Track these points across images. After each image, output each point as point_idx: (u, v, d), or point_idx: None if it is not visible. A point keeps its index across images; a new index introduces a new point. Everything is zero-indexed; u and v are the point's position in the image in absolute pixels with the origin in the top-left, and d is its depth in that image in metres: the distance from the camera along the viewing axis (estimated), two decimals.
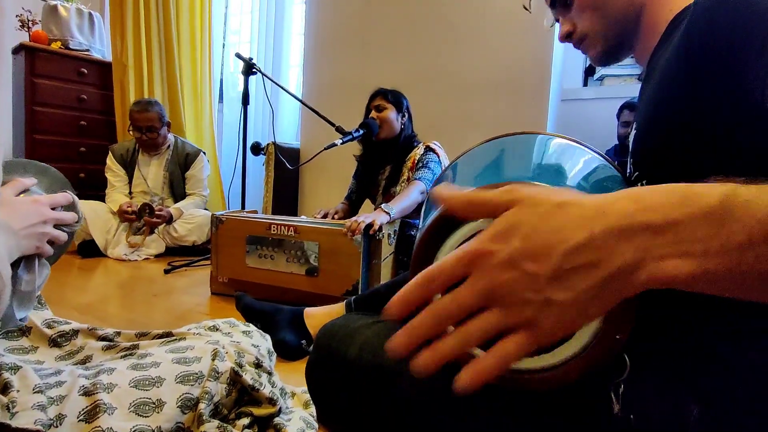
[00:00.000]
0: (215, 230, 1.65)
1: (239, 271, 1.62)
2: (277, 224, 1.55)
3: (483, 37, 2.23)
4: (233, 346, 0.77)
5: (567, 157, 0.51)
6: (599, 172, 0.50)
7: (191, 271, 2.10)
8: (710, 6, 0.39)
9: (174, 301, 1.64)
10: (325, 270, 1.50)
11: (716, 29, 0.38)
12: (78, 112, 2.88)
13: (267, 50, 3.06)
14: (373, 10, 2.52)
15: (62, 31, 2.82)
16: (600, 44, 0.60)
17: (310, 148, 2.75)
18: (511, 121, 2.18)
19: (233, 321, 0.86)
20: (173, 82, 2.99)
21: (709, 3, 0.39)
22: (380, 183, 1.90)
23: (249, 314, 1.27)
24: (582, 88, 2.38)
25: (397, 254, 1.68)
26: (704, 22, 0.39)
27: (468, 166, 0.55)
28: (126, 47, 2.90)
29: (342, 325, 0.65)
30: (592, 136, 2.28)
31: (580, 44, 0.63)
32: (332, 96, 2.67)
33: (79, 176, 2.86)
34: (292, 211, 2.82)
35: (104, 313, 1.46)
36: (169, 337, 0.78)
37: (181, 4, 2.97)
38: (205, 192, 2.62)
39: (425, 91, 2.36)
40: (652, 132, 0.47)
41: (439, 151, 1.80)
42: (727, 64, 0.37)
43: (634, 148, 0.53)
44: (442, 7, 2.32)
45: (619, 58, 0.63)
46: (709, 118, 0.39)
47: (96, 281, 1.92)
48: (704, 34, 0.39)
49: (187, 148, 2.58)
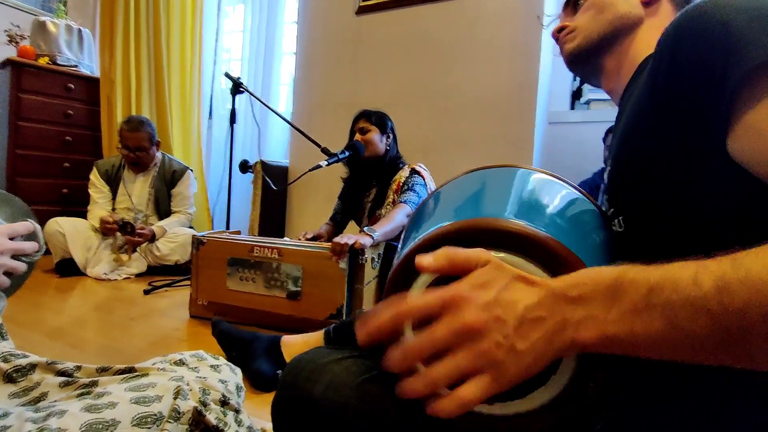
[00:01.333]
0: (196, 251, 1.61)
1: (219, 294, 1.58)
2: (259, 246, 1.52)
3: (471, 59, 2.25)
4: (199, 382, 0.73)
5: (545, 193, 0.51)
6: (576, 206, 0.51)
7: (172, 291, 2.05)
8: (672, 42, 0.40)
9: (151, 324, 1.59)
10: (309, 294, 1.47)
11: (678, 65, 0.38)
12: (64, 128, 2.85)
13: (258, 68, 3.06)
14: (363, 31, 2.54)
15: (50, 46, 2.81)
16: (579, 37, 0.62)
17: (299, 166, 2.74)
18: (498, 144, 2.19)
19: (201, 354, 0.82)
20: (161, 98, 2.98)
21: (672, 38, 0.40)
22: (366, 205, 1.88)
23: (225, 341, 1.23)
24: (569, 112, 2.40)
25: (380, 278, 1.65)
26: (668, 59, 0.40)
27: (450, 196, 0.55)
28: (114, 63, 2.89)
29: (309, 360, 0.62)
30: (579, 158, 2.29)
31: (564, 37, 0.65)
32: (322, 115, 2.67)
33: (62, 192, 2.82)
34: (279, 231, 2.79)
35: (76, 339, 1.41)
36: (131, 372, 0.74)
37: (172, 22, 2.98)
38: (191, 209, 2.59)
39: (414, 112, 2.36)
40: (624, 169, 0.48)
41: (424, 174, 1.79)
42: (689, 101, 0.38)
43: (608, 185, 0.53)
44: (431, 30, 2.34)
45: (586, 67, 0.65)
46: (676, 155, 0.39)
47: (72, 302, 1.87)
48: (668, 71, 0.40)
49: (174, 165, 2.55)
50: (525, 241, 0.39)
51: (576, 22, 0.63)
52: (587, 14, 0.62)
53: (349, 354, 0.62)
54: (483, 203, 0.53)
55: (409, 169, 1.80)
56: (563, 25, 0.65)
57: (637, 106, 0.46)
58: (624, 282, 0.31)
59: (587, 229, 0.48)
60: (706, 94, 0.36)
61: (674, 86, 0.39)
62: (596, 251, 0.45)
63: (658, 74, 0.41)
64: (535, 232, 0.39)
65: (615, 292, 0.31)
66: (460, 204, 0.52)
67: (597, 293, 0.32)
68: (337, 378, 0.57)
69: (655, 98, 0.41)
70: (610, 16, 0.60)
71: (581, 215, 0.49)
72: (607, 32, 0.60)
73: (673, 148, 0.39)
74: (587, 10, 0.62)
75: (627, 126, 0.48)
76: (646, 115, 0.43)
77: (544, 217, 0.45)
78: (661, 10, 0.60)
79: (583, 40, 0.61)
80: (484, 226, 0.40)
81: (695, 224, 0.39)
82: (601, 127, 2.13)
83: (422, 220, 0.52)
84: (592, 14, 0.61)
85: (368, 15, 2.52)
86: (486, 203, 0.53)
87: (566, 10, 0.67)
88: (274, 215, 2.74)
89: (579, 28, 0.62)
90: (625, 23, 0.59)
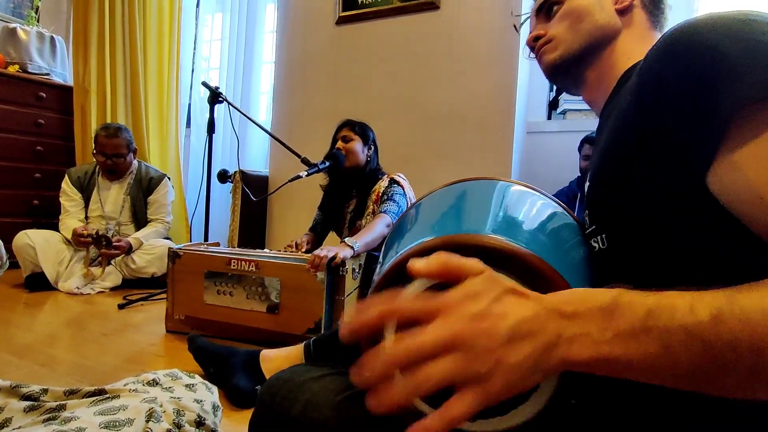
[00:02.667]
0: (172, 265, 1.58)
1: (197, 309, 1.55)
2: (237, 259, 1.50)
3: (450, 70, 2.28)
4: (173, 403, 0.71)
5: (525, 207, 0.51)
6: (556, 220, 0.51)
7: (148, 305, 1.99)
8: (662, 60, 0.39)
9: (126, 340, 1.55)
10: (287, 307, 1.45)
11: (666, 85, 0.38)
12: (34, 137, 2.76)
13: (237, 77, 3.04)
14: (343, 41, 2.55)
15: (21, 54, 2.73)
16: (561, 49, 0.61)
17: (279, 175, 2.72)
18: (477, 153, 2.21)
19: (176, 373, 0.80)
20: (137, 107, 2.92)
21: (662, 55, 0.39)
22: (346, 216, 1.87)
23: (202, 357, 1.20)
24: (546, 121, 2.45)
25: (362, 289, 1.64)
26: (656, 78, 0.39)
27: (430, 209, 0.55)
28: (89, 71, 2.83)
29: (287, 379, 0.61)
30: (555, 167, 2.33)
31: (542, 47, 0.63)
32: (301, 125, 2.66)
33: (32, 203, 2.73)
34: (259, 241, 2.76)
35: (46, 357, 1.36)
36: (101, 395, 0.72)
37: (149, 30, 2.93)
38: (168, 218, 2.53)
39: (393, 122, 2.38)
40: (604, 185, 0.47)
41: (403, 183, 1.79)
42: (675, 125, 0.37)
43: (588, 200, 0.53)
44: (410, 41, 2.37)
45: (567, 77, 0.63)
46: (657, 177, 0.39)
47: (42, 318, 1.80)
48: (656, 90, 0.39)
49: (151, 173, 2.50)
50: (506, 257, 0.39)
51: (553, 30, 0.62)
52: (564, 23, 0.61)
53: (328, 371, 0.61)
54: (463, 218, 0.53)
55: (389, 179, 1.80)
56: (539, 33, 0.63)
57: (621, 122, 0.46)
58: (621, 303, 0.32)
59: (568, 246, 0.48)
60: (693, 121, 0.36)
61: (661, 107, 0.38)
62: (577, 268, 0.45)
63: (644, 92, 0.41)
64: (517, 248, 0.39)
65: (611, 313, 0.31)
66: (441, 218, 0.52)
67: (593, 312, 0.32)
68: (316, 397, 0.56)
69: (640, 116, 0.41)
70: (588, 26, 0.59)
71: (561, 230, 0.50)
72: (588, 44, 0.59)
73: (655, 170, 0.39)
74: (563, 19, 0.61)
75: (609, 141, 0.48)
76: (630, 132, 0.43)
77: (525, 232, 0.46)
78: (636, 19, 0.60)
79: (564, 52, 0.60)
80: (465, 241, 0.40)
81: (671, 249, 0.39)
82: (577, 136, 2.18)
83: (403, 234, 0.52)
84: (570, 24, 0.60)
85: (348, 25, 2.53)
86: (466, 218, 0.53)
87: (539, 15, 0.66)
88: (253, 226, 2.71)
89: (557, 38, 0.61)
90: (605, 34, 0.58)
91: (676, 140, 0.37)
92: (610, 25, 0.59)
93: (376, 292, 0.43)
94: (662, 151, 0.39)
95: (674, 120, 0.37)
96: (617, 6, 0.59)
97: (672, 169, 0.38)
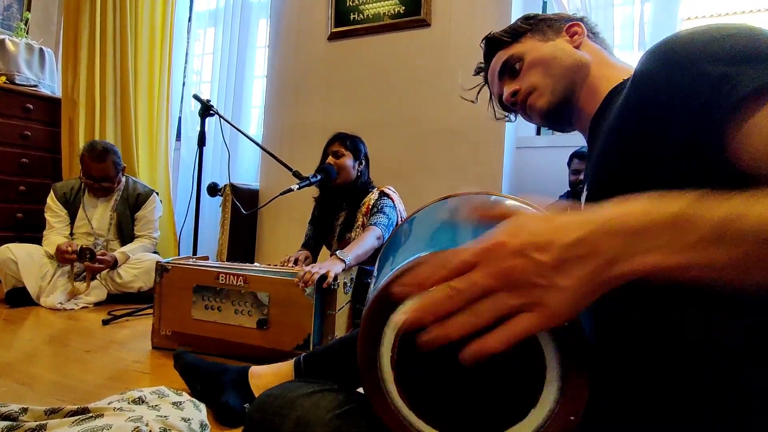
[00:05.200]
0: (159, 279, 1.55)
1: (184, 324, 1.51)
2: (225, 273, 1.47)
3: (441, 86, 2.31)
4: (159, 422, 0.69)
5: None
6: None
7: (133, 321, 1.95)
8: (650, 69, 0.42)
9: (110, 357, 1.50)
10: (276, 322, 1.42)
11: (657, 92, 0.41)
12: (20, 149, 2.72)
13: (228, 90, 3.03)
14: (336, 57, 2.58)
15: (8, 65, 2.71)
16: (547, 95, 0.64)
17: (270, 189, 2.70)
18: (468, 168, 2.23)
19: (163, 390, 0.78)
20: (127, 120, 2.90)
21: (649, 66, 0.42)
22: (336, 229, 1.86)
23: (189, 374, 1.17)
24: (535, 137, 2.48)
25: (354, 303, 1.62)
26: (647, 85, 0.42)
27: (424, 224, 0.56)
28: (78, 83, 2.81)
29: (278, 395, 0.60)
30: (545, 182, 2.35)
31: (526, 99, 0.65)
32: (293, 139, 2.66)
33: (16, 216, 2.67)
34: (249, 255, 2.73)
35: (25, 376, 1.31)
36: (84, 413, 0.69)
37: (140, 43, 2.93)
38: (155, 234, 2.49)
39: (385, 136, 2.39)
40: (602, 194, 0.48)
41: (393, 196, 1.79)
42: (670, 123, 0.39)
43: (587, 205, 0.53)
44: (402, 57, 2.40)
45: (562, 118, 0.66)
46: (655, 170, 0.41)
47: (23, 335, 1.74)
48: (648, 95, 0.42)
49: (139, 188, 2.46)
50: None
51: (528, 81, 0.65)
52: (536, 73, 0.64)
53: (320, 388, 0.60)
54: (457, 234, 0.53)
55: (378, 191, 1.80)
56: (515, 88, 0.66)
57: (613, 133, 0.47)
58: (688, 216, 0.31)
59: None
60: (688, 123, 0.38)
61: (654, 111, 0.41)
62: None
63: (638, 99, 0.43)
64: None
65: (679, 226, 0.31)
66: (435, 233, 0.52)
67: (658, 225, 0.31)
68: (307, 414, 0.55)
69: (635, 120, 0.43)
70: (559, 69, 0.63)
71: None
72: (568, 82, 0.62)
73: (653, 164, 0.41)
74: (532, 69, 0.65)
75: (602, 151, 0.49)
76: (624, 139, 0.45)
77: None
78: (593, 49, 0.65)
79: (551, 95, 0.63)
80: None
81: None
82: (566, 151, 2.20)
83: (397, 248, 0.52)
84: (542, 71, 0.64)
85: (340, 41, 2.56)
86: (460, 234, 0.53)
87: (502, 78, 0.70)
88: (243, 240, 2.68)
89: (538, 85, 0.64)
90: (579, 69, 0.62)
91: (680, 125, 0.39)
92: (579, 61, 0.63)
93: (373, 306, 0.43)
94: (662, 144, 0.40)
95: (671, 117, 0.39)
96: (574, 44, 0.65)
97: (673, 162, 0.40)
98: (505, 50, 0.70)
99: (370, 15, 2.46)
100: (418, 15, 2.34)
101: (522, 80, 0.66)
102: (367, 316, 0.43)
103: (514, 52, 0.68)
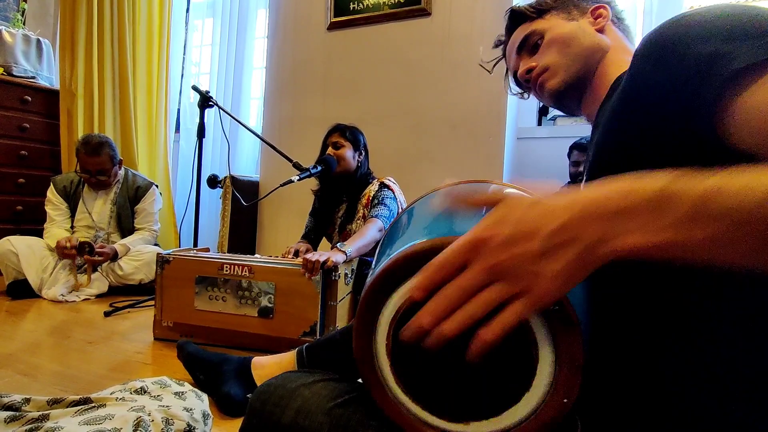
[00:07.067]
0: (161, 270, 1.55)
1: (186, 315, 1.52)
2: (229, 264, 1.47)
3: (441, 77, 2.29)
4: (161, 411, 0.69)
5: None
6: None
7: (135, 312, 1.95)
8: (644, 52, 0.42)
9: (112, 348, 1.51)
10: (281, 311, 1.43)
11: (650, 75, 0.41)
12: (18, 141, 2.71)
13: (227, 82, 3.02)
14: (335, 47, 2.55)
15: (5, 57, 2.69)
16: (561, 74, 0.63)
17: (270, 181, 2.70)
18: (469, 159, 2.22)
19: (165, 380, 0.78)
20: (126, 111, 2.88)
21: (644, 50, 0.43)
22: (336, 221, 1.86)
23: (192, 364, 1.17)
24: (536, 128, 2.46)
25: (354, 294, 1.63)
26: (641, 69, 0.42)
27: (423, 212, 0.56)
28: (76, 75, 2.79)
29: (278, 385, 0.60)
30: (545, 173, 2.35)
31: (539, 77, 0.65)
32: (292, 130, 2.65)
33: (15, 209, 2.67)
34: (249, 247, 2.72)
35: (28, 366, 1.31)
36: (86, 404, 0.69)
37: (138, 34, 2.90)
38: (155, 226, 2.49)
39: (384, 127, 2.38)
40: (603, 173, 0.48)
41: (393, 187, 1.78)
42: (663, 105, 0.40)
43: None
44: (402, 48, 2.38)
45: (572, 100, 0.66)
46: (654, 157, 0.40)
47: (25, 326, 1.75)
48: (642, 79, 0.42)
49: (138, 181, 2.46)
50: None
51: (545, 60, 0.64)
52: (553, 51, 0.64)
53: (321, 377, 0.60)
54: (455, 222, 0.53)
55: (379, 182, 1.79)
56: (531, 65, 0.66)
57: (613, 113, 0.47)
58: (670, 193, 0.31)
59: None
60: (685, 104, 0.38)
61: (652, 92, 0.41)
62: None
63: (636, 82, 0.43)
64: None
65: (660, 205, 0.31)
66: (433, 221, 0.52)
67: (640, 205, 0.31)
68: (308, 403, 0.55)
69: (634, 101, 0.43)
70: (578, 49, 0.62)
71: None
72: (583, 64, 0.62)
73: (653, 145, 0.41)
74: (551, 47, 0.64)
75: (603, 132, 0.50)
76: (623, 120, 0.45)
77: None
78: (614, 35, 0.64)
79: (565, 75, 0.63)
80: None
81: None
82: (566, 142, 2.19)
83: (396, 237, 0.52)
84: (559, 49, 0.63)
85: (339, 31, 2.54)
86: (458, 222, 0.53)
87: (521, 53, 0.69)
88: (244, 231, 2.68)
89: (553, 65, 0.64)
90: (595, 53, 0.62)
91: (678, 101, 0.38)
92: (598, 44, 0.62)
93: (368, 295, 0.44)
94: (656, 127, 0.40)
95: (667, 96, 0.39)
96: (596, 27, 0.64)
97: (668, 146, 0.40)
98: (528, 24, 0.68)
99: (370, 4, 2.44)
100: (419, 4, 2.31)
101: (539, 57, 0.66)
102: (362, 306, 0.44)
103: (536, 28, 0.67)
